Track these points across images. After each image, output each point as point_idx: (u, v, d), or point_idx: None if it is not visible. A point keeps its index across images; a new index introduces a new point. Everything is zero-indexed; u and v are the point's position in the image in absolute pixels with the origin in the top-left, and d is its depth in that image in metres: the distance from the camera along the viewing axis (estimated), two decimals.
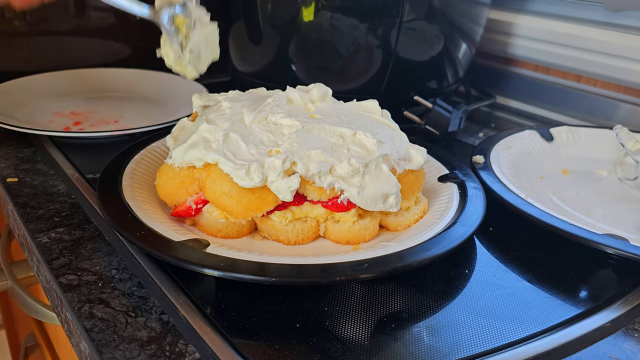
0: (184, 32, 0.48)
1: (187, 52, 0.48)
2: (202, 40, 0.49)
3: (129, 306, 0.41)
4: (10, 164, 0.62)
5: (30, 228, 0.50)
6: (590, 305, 0.43)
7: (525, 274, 0.47)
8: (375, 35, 0.69)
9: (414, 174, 0.50)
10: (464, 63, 0.80)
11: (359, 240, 0.48)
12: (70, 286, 0.43)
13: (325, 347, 0.37)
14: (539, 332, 0.40)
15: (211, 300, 0.41)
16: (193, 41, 0.48)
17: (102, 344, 0.37)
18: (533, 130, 0.70)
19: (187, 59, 0.48)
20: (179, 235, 0.43)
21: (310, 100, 0.53)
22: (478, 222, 0.47)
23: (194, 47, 0.49)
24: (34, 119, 0.72)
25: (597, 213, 0.56)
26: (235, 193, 0.45)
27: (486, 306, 0.42)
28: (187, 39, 0.48)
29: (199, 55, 0.49)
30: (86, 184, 0.57)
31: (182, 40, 0.48)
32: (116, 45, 0.96)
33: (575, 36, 0.82)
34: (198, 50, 0.49)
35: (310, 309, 0.41)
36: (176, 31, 0.48)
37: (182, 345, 0.37)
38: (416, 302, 0.43)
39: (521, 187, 0.57)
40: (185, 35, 0.48)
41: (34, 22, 0.87)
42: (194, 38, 0.48)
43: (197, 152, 0.46)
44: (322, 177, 0.45)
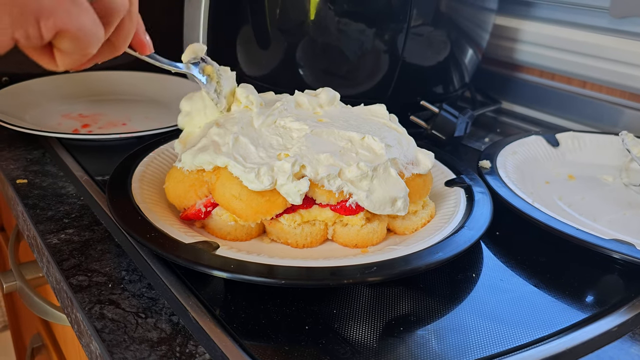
0: (214, 79, 0.51)
1: (223, 98, 0.51)
2: (232, 83, 0.52)
3: (139, 307, 0.41)
4: (20, 166, 0.63)
5: (40, 229, 0.51)
6: (597, 310, 0.44)
7: (531, 278, 0.47)
8: (382, 40, 0.70)
9: (421, 178, 0.51)
10: (470, 68, 0.81)
11: (367, 243, 0.48)
12: (81, 287, 0.43)
13: (334, 349, 0.38)
14: (546, 337, 0.40)
15: (220, 302, 0.41)
16: (226, 87, 0.51)
17: (113, 344, 0.37)
18: (539, 136, 0.70)
19: (223, 105, 0.51)
20: (188, 238, 0.44)
21: (319, 104, 0.54)
22: (485, 226, 0.48)
23: (227, 93, 0.52)
24: (43, 121, 0.73)
25: (603, 218, 0.56)
26: (245, 196, 0.45)
27: (493, 310, 0.43)
28: (219, 85, 0.51)
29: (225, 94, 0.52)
30: (95, 186, 0.58)
31: (216, 87, 0.51)
32: None
33: (580, 42, 0.82)
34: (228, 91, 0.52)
35: (319, 312, 0.41)
36: (208, 79, 0.51)
37: (192, 346, 0.38)
38: (424, 305, 0.43)
39: (527, 192, 0.58)
40: (217, 82, 0.51)
41: None
42: (226, 83, 0.51)
43: (206, 156, 0.46)
44: (331, 181, 0.46)
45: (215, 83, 0.51)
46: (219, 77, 0.51)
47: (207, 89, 0.50)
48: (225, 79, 0.51)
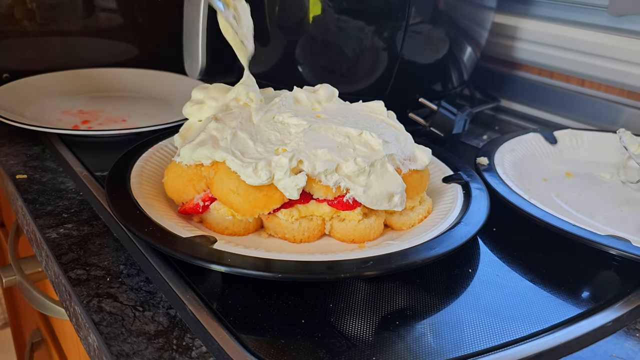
0: (231, 5, 0.51)
1: (242, 26, 0.51)
2: (247, 15, 0.52)
3: (136, 301, 0.42)
4: (20, 161, 0.63)
5: (39, 224, 0.51)
6: (592, 305, 0.44)
7: (527, 274, 0.47)
8: (381, 37, 0.70)
9: (418, 174, 0.51)
10: (468, 66, 0.81)
11: (364, 238, 0.48)
12: (79, 281, 0.43)
13: (330, 342, 0.38)
14: (541, 331, 0.40)
15: (218, 295, 0.42)
16: (244, 16, 0.51)
17: (111, 337, 0.38)
18: (537, 133, 0.71)
19: (242, 33, 0.51)
20: (186, 232, 0.44)
21: (317, 100, 0.54)
22: (482, 222, 0.48)
23: (245, 22, 0.52)
24: (43, 117, 0.73)
25: (600, 215, 0.56)
26: (243, 190, 0.45)
27: (489, 305, 0.43)
28: (237, 13, 0.51)
29: (248, 31, 0.52)
30: (94, 182, 0.58)
31: (234, 14, 0.51)
32: (124, 45, 0.97)
33: (579, 40, 0.82)
34: (247, 25, 0.52)
35: (315, 306, 0.41)
36: (225, 5, 0.50)
37: (189, 339, 0.38)
38: (420, 300, 0.43)
39: (524, 188, 0.58)
40: (235, 8, 0.51)
41: (43, 22, 0.88)
42: (244, 13, 0.51)
43: (205, 150, 0.47)
44: (328, 176, 0.46)
45: (233, 9, 0.51)
46: (235, 5, 0.51)
47: (226, 15, 0.50)
48: (242, 9, 0.51)
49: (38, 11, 0.87)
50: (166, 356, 0.36)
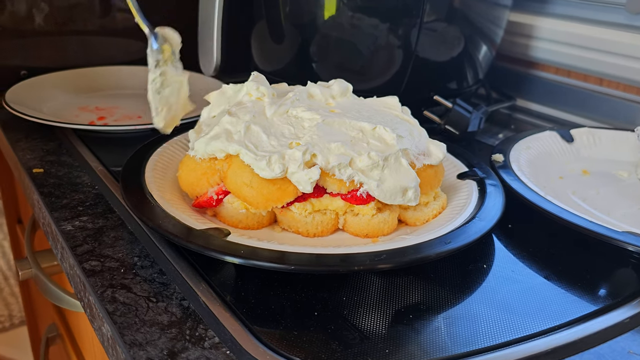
0: (165, 57, 0.52)
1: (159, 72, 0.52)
2: (176, 86, 0.53)
3: (150, 292, 0.42)
4: (36, 156, 0.64)
5: (55, 216, 0.51)
6: (609, 302, 0.43)
7: (543, 270, 0.47)
8: (395, 35, 0.70)
9: (433, 169, 0.50)
10: (484, 65, 0.80)
11: (377, 233, 0.48)
12: (94, 272, 0.44)
13: (343, 334, 0.38)
14: (557, 327, 0.40)
15: (231, 287, 0.42)
16: (169, 70, 0.53)
17: (124, 326, 0.38)
18: (553, 131, 0.70)
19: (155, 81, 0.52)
20: (200, 224, 0.44)
21: (331, 95, 0.54)
22: (497, 217, 0.48)
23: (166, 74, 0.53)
24: (60, 113, 0.74)
25: (618, 212, 0.55)
26: (256, 184, 0.45)
27: (504, 300, 0.42)
28: (164, 64, 0.52)
29: (168, 99, 0.53)
30: (109, 176, 0.58)
31: (160, 62, 0.52)
32: (139, 44, 0.98)
33: (596, 39, 0.82)
34: (169, 84, 0.53)
35: (328, 299, 0.41)
36: (159, 51, 0.52)
37: (202, 330, 0.38)
38: (434, 294, 0.43)
39: (540, 185, 0.57)
40: (165, 61, 0.52)
41: (61, 22, 0.89)
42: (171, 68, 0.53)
43: (219, 144, 0.47)
44: (342, 170, 0.46)
45: (163, 62, 0.52)
46: (170, 62, 0.52)
47: (151, 52, 0.52)
48: (175, 70, 0.53)
49: (56, 11, 0.88)
50: (179, 346, 0.36)
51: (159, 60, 0.52)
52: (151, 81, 0.52)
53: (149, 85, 0.52)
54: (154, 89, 0.52)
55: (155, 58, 0.52)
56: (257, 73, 0.53)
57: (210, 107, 0.54)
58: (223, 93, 0.54)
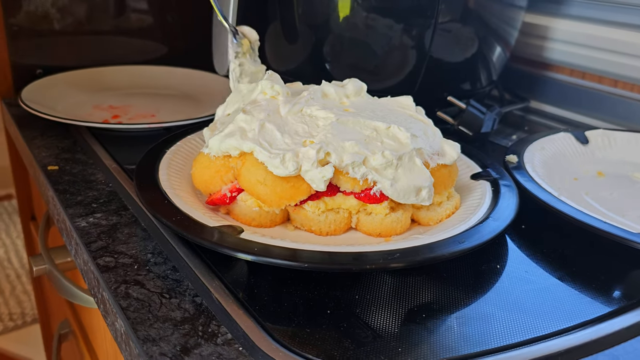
0: (244, 50, 0.59)
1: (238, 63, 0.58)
2: (252, 73, 0.60)
3: (163, 288, 0.42)
4: (51, 153, 0.64)
5: (69, 213, 0.52)
6: (624, 303, 0.43)
7: (556, 271, 0.47)
8: (409, 35, 0.70)
9: (447, 168, 0.50)
10: (497, 66, 0.80)
11: (390, 233, 0.48)
12: (107, 268, 0.44)
13: (355, 332, 0.38)
14: (571, 327, 0.40)
15: (244, 285, 0.42)
16: (250, 67, 0.59)
17: (137, 322, 0.38)
18: (568, 133, 0.69)
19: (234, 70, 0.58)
20: (213, 222, 0.44)
21: (345, 94, 0.54)
22: (511, 218, 0.47)
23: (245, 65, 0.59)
24: (75, 112, 0.74)
25: (632, 214, 0.55)
26: (270, 181, 0.46)
27: (517, 300, 0.42)
28: (244, 57, 0.59)
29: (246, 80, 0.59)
30: (123, 174, 0.59)
31: (239, 54, 0.58)
32: (153, 44, 0.99)
33: (611, 40, 0.81)
34: (247, 74, 0.59)
35: (341, 297, 0.41)
36: (239, 44, 0.58)
37: (214, 326, 0.38)
38: (447, 294, 0.43)
39: (554, 187, 0.57)
40: (244, 54, 0.59)
41: (77, 22, 0.90)
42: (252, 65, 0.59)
43: (233, 141, 0.47)
44: (356, 168, 0.46)
45: (242, 54, 0.57)
46: (248, 54, 0.57)
47: (231, 45, 0.58)
48: (253, 62, 0.56)
49: (72, 12, 0.89)
50: (192, 342, 0.36)
51: (237, 52, 0.58)
52: (232, 70, 0.59)
53: (230, 74, 0.59)
54: (234, 77, 0.59)
55: (234, 50, 0.58)
56: (271, 72, 0.54)
57: (225, 106, 0.55)
58: (238, 92, 0.55)
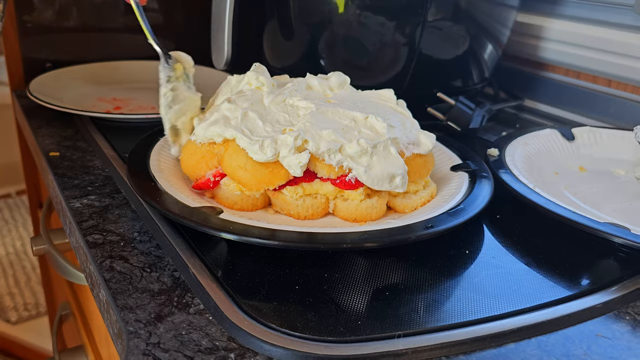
0: (177, 74, 0.56)
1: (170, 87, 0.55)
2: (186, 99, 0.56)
3: (145, 263, 0.45)
4: (54, 141, 0.68)
5: (65, 195, 0.55)
6: (585, 288, 0.44)
7: (524, 257, 0.48)
8: (399, 33, 0.72)
9: (422, 158, 0.52)
10: (489, 64, 0.82)
11: (365, 218, 0.50)
12: (95, 244, 0.47)
13: (319, 306, 0.40)
14: (527, 309, 0.41)
15: (220, 262, 0.44)
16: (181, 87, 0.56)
17: (118, 292, 0.41)
18: (554, 129, 0.71)
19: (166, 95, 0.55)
20: (195, 203, 0.47)
21: (329, 87, 0.56)
22: (481, 207, 0.49)
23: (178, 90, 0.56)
24: (79, 103, 0.78)
25: (608, 207, 0.56)
26: (250, 166, 0.48)
27: (480, 283, 0.44)
28: (177, 81, 0.56)
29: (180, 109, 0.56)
30: (120, 160, 0.62)
31: (170, 78, 0.56)
32: (161, 41, 1.01)
33: (605, 40, 0.82)
34: (181, 100, 0.56)
35: (310, 275, 0.43)
36: (171, 68, 0.56)
37: (189, 298, 0.41)
38: (414, 276, 0.45)
39: (533, 179, 0.58)
40: (176, 78, 0.56)
41: (87, 20, 0.93)
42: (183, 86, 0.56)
43: (217, 128, 0.50)
44: (332, 155, 0.48)
45: (175, 78, 0.55)
46: (182, 80, 0.56)
47: (162, 68, 0.56)
48: (187, 89, 0.56)
49: (83, 9, 0.93)
50: (166, 311, 0.39)
51: (170, 77, 0.55)
52: (163, 95, 0.55)
53: (161, 100, 0.55)
54: (165, 103, 0.55)
55: (166, 74, 0.55)
56: (258, 64, 0.56)
57: (215, 97, 0.57)
58: (228, 83, 0.57)
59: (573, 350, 0.38)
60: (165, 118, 0.55)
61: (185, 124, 0.56)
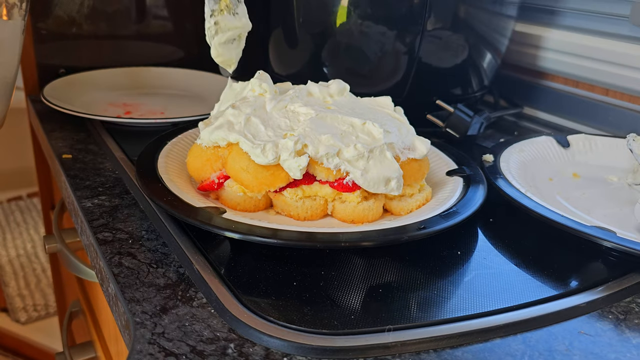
0: (221, 7, 0.56)
1: (213, 22, 0.56)
2: (230, 28, 0.57)
3: (152, 259, 0.47)
4: (67, 144, 0.70)
5: (77, 195, 0.58)
6: (571, 288, 0.46)
7: (514, 258, 0.50)
8: (400, 41, 0.74)
9: (417, 162, 0.55)
10: (489, 72, 0.84)
11: (362, 220, 0.53)
12: (105, 241, 0.49)
13: (315, 301, 0.42)
14: (514, 307, 0.43)
15: (223, 259, 0.47)
16: (225, 18, 0.57)
17: (126, 286, 0.43)
18: (550, 137, 0.73)
19: (209, 29, 0.56)
20: (200, 203, 0.49)
21: (329, 94, 0.59)
22: (473, 210, 0.51)
23: (221, 22, 0.56)
24: (91, 108, 0.81)
25: (598, 212, 0.58)
26: (252, 169, 0.51)
27: (470, 282, 0.46)
28: (222, 12, 0.56)
29: (221, 39, 0.57)
30: (129, 163, 0.64)
31: (217, 10, 0.56)
32: (171, 48, 1.05)
33: (602, 50, 0.84)
34: (224, 30, 0.57)
35: (308, 272, 0.46)
36: (215, 1, 0.56)
37: (192, 292, 0.43)
38: (406, 275, 0.47)
39: (526, 185, 0.60)
40: (222, 9, 0.56)
41: (100, 27, 0.97)
42: (227, 17, 0.57)
43: (221, 133, 0.52)
44: (330, 159, 0.50)
45: (219, 11, 0.56)
46: (226, 11, 0.57)
47: (207, 2, 0.56)
48: (232, 18, 0.57)
49: (96, 17, 0.96)
50: (171, 304, 0.42)
51: (214, 10, 0.56)
52: (207, 29, 0.57)
53: (206, 32, 0.57)
54: (210, 34, 0.57)
55: (210, 7, 0.57)
56: (261, 72, 0.59)
57: (220, 103, 0.60)
58: (232, 89, 0.60)
59: (556, 345, 0.40)
60: (212, 48, 0.58)
61: (230, 50, 0.58)
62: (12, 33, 0.63)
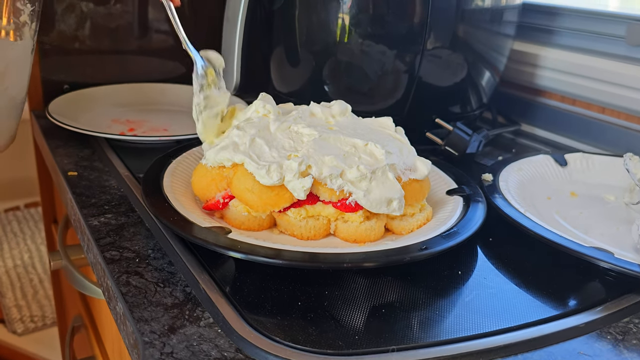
0: (209, 81, 0.59)
1: (203, 96, 0.58)
2: (216, 104, 0.59)
3: (159, 278, 0.48)
4: (72, 161, 0.71)
5: (84, 213, 0.58)
6: (570, 309, 0.47)
7: (514, 278, 0.51)
8: (400, 60, 0.75)
9: (418, 183, 0.56)
10: (487, 90, 0.85)
11: (364, 239, 0.54)
12: (113, 260, 0.50)
13: (320, 321, 0.43)
14: (515, 327, 0.44)
15: (228, 279, 0.48)
16: (213, 93, 0.59)
17: (134, 305, 0.44)
18: (547, 155, 0.74)
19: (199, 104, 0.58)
20: (205, 223, 0.50)
21: (331, 114, 0.60)
22: (473, 230, 0.52)
23: (209, 97, 0.59)
24: (95, 124, 0.82)
25: (595, 232, 0.59)
26: (257, 189, 0.52)
27: (471, 302, 0.47)
28: (208, 88, 0.59)
29: (210, 114, 0.59)
30: (134, 180, 0.65)
31: (204, 86, 0.58)
32: (173, 64, 1.06)
33: (598, 69, 0.86)
34: (212, 105, 0.59)
35: (312, 292, 0.47)
36: (204, 75, 0.58)
37: (199, 312, 0.44)
38: (408, 294, 0.48)
39: (525, 204, 0.61)
40: (208, 85, 0.59)
41: (102, 42, 0.98)
42: (214, 91, 0.59)
43: (226, 153, 0.53)
44: (333, 180, 0.51)
45: (207, 86, 0.58)
46: (213, 85, 0.59)
47: (196, 78, 0.58)
48: (218, 91, 0.59)
49: (99, 33, 0.97)
50: (178, 323, 0.42)
51: (203, 85, 0.59)
52: (196, 104, 0.59)
53: (194, 107, 0.59)
54: (198, 110, 0.58)
55: (199, 82, 0.59)
56: (264, 93, 0.60)
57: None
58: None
59: None
60: (197, 122, 0.59)
61: (214, 125, 0.60)
62: (23, 54, 0.64)
